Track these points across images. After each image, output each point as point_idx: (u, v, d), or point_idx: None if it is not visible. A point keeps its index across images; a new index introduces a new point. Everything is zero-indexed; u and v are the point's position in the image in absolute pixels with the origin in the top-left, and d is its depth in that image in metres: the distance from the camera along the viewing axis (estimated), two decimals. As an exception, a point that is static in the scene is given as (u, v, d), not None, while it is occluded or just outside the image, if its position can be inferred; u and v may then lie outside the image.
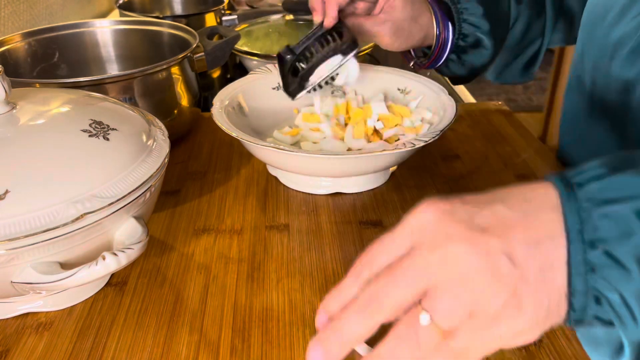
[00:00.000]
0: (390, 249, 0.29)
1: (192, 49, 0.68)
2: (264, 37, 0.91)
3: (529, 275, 0.26)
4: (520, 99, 3.08)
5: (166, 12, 1.16)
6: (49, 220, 0.36)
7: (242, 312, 0.44)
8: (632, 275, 0.26)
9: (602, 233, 0.26)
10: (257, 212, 0.56)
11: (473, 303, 0.26)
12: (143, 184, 0.41)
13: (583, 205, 0.27)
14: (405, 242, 0.29)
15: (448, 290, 0.27)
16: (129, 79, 0.61)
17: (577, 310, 0.27)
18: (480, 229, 0.27)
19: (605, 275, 0.26)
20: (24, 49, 0.71)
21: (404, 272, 0.27)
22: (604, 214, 0.26)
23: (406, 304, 0.27)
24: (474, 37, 0.62)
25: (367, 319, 0.27)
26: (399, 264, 0.28)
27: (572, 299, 0.27)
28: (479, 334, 0.27)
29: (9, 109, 0.42)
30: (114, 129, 0.43)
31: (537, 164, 0.65)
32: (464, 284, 0.26)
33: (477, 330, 0.27)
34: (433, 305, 0.27)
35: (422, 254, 0.27)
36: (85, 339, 0.41)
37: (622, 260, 0.26)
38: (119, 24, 0.79)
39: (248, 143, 0.53)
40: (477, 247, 0.27)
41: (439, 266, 0.27)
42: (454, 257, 0.27)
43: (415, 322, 0.27)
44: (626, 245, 0.26)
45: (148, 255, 0.50)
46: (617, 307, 0.26)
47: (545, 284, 0.27)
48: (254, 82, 0.66)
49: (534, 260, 0.27)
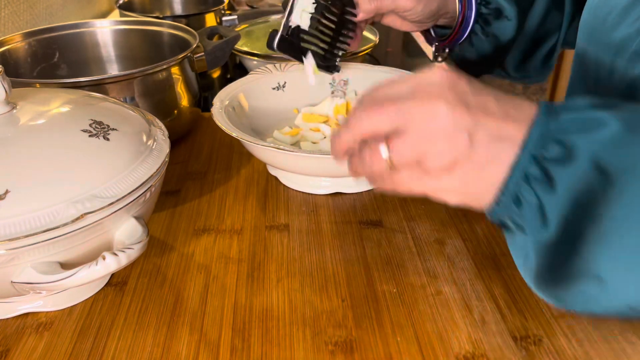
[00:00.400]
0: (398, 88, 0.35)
1: (192, 49, 0.68)
2: (264, 37, 0.90)
3: (475, 157, 0.32)
4: (520, 99, 3.09)
5: (166, 12, 1.16)
6: (49, 220, 0.36)
7: (242, 312, 0.44)
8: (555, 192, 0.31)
9: (548, 154, 0.31)
10: (257, 212, 0.56)
11: (422, 154, 0.33)
12: (143, 184, 0.41)
13: (548, 129, 0.31)
14: (407, 88, 0.34)
15: (412, 136, 0.33)
16: (129, 79, 0.61)
17: (500, 205, 0.33)
18: (466, 105, 0.32)
19: (533, 186, 0.31)
20: (24, 49, 0.71)
21: (391, 109, 0.33)
22: (558, 140, 0.31)
23: (380, 130, 0.34)
24: (496, 2, 0.62)
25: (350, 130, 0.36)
26: (394, 101, 0.34)
27: (501, 194, 0.33)
28: (414, 176, 0.34)
29: (9, 109, 0.42)
30: (114, 129, 0.43)
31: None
32: (425, 137, 0.33)
33: (414, 174, 0.34)
34: (395, 144, 0.34)
35: (413, 102, 0.33)
36: (85, 339, 0.41)
37: (553, 178, 0.31)
38: (119, 24, 0.79)
39: (248, 143, 0.53)
40: (453, 116, 0.32)
41: (418, 116, 0.33)
42: (432, 114, 0.32)
43: (377, 151, 0.34)
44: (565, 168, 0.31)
45: (148, 255, 0.50)
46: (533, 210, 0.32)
47: (483, 170, 0.33)
48: (254, 82, 0.66)
49: (487, 149, 0.32)
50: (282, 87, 0.68)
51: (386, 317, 0.43)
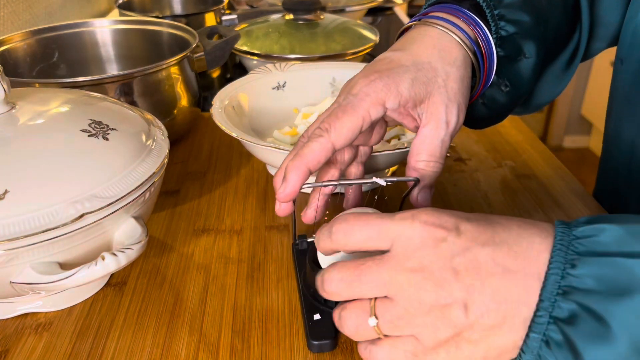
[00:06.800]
0: (370, 235, 0.31)
1: (192, 49, 0.68)
2: (264, 37, 0.90)
3: (478, 327, 0.28)
4: (520, 99, 3.08)
5: (166, 11, 1.16)
6: (48, 220, 0.36)
7: (241, 313, 0.44)
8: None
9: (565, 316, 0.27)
10: (257, 212, 0.56)
11: (417, 330, 0.29)
12: (143, 184, 0.41)
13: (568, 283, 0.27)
14: (386, 239, 0.30)
15: (401, 309, 0.29)
16: (128, 78, 0.61)
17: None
18: (453, 272, 0.28)
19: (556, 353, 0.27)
20: (23, 48, 0.71)
21: (370, 276, 0.30)
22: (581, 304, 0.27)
23: (363, 297, 0.31)
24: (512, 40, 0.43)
25: (326, 295, 0.32)
26: (370, 264, 0.30)
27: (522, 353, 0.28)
28: (410, 353, 0.30)
29: (8, 109, 0.42)
30: (113, 128, 0.43)
31: (537, 164, 0.65)
32: (416, 312, 0.29)
33: (409, 353, 0.30)
34: (384, 313, 0.30)
35: (393, 267, 0.29)
36: (84, 340, 0.41)
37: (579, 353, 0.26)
38: (119, 23, 0.79)
39: (248, 143, 0.53)
40: (441, 289, 0.28)
41: (404, 287, 0.29)
42: (418, 287, 0.29)
43: (365, 316, 0.31)
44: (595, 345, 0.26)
45: (148, 256, 0.50)
46: None
47: (489, 341, 0.28)
48: (254, 82, 0.66)
49: (489, 316, 0.28)
50: (282, 87, 0.68)
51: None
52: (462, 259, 0.28)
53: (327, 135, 0.37)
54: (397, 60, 0.40)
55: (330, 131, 0.37)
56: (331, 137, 0.37)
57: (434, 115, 0.40)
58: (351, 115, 0.37)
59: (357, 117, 0.37)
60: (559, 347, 0.27)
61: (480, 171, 0.63)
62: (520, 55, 0.43)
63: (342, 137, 0.37)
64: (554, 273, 0.27)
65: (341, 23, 0.95)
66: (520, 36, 0.42)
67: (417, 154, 0.40)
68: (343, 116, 0.37)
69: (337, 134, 0.37)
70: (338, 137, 0.37)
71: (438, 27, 0.42)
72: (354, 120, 0.37)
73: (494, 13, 0.42)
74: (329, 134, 0.37)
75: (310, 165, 0.37)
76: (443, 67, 0.40)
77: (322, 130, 0.37)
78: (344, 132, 0.37)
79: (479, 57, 0.42)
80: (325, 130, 0.37)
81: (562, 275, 0.27)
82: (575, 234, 0.28)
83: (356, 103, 0.37)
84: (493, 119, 0.49)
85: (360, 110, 0.37)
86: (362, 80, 0.39)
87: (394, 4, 1.41)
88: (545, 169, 0.64)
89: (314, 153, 0.37)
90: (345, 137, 0.37)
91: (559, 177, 0.62)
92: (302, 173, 0.37)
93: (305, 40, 0.89)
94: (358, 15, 1.19)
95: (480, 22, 0.42)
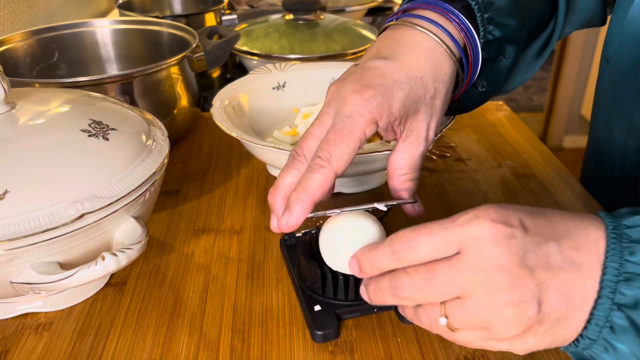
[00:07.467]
0: (436, 245, 0.30)
1: (192, 49, 0.68)
2: (264, 37, 0.90)
3: (547, 322, 0.29)
4: (520, 99, 3.08)
5: (166, 11, 1.16)
6: (48, 220, 0.36)
7: (241, 313, 0.44)
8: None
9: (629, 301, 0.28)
10: (257, 212, 0.56)
11: (489, 325, 0.30)
12: (143, 184, 0.41)
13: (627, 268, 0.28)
14: (453, 245, 0.30)
15: (474, 307, 0.29)
16: (128, 78, 0.61)
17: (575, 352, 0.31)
18: (528, 269, 0.29)
19: (620, 336, 0.29)
20: (23, 48, 0.71)
21: (442, 279, 0.30)
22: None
23: (435, 302, 0.31)
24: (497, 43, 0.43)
25: (397, 301, 0.32)
26: (441, 268, 0.30)
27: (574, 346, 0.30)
28: (482, 340, 0.31)
29: (8, 109, 0.42)
30: (113, 128, 0.43)
31: (537, 164, 0.65)
32: (490, 309, 0.29)
33: (481, 337, 0.31)
34: (455, 312, 0.30)
35: (465, 270, 0.29)
36: (84, 340, 0.41)
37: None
38: (119, 23, 0.79)
39: (248, 143, 0.53)
40: (518, 288, 0.29)
41: (476, 287, 0.29)
42: (493, 286, 0.29)
43: (435, 317, 0.31)
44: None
45: (148, 256, 0.50)
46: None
47: (555, 331, 0.30)
48: (254, 82, 0.66)
49: (558, 310, 0.29)
50: (282, 86, 0.68)
51: (386, 317, 0.43)
52: (534, 256, 0.29)
53: (329, 166, 0.37)
54: (390, 75, 0.38)
55: (331, 161, 0.37)
56: (333, 167, 0.37)
57: (415, 131, 0.40)
58: (349, 140, 0.37)
59: (355, 141, 0.37)
60: (624, 332, 0.28)
61: (480, 171, 0.63)
62: (500, 57, 0.43)
63: (343, 164, 0.37)
64: (613, 260, 0.28)
65: (341, 23, 0.95)
66: (505, 40, 0.42)
67: (398, 169, 0.40)
68: (341, 142, 0.37)
69: (338, 162, 0.37)
70: (339, 165, 0.37)
71: (430, 34, 0.40)
72: (353, 144, 0.37)
73: (484, 17, 0.41)
74: (331, 164, 0.37)
75: (316, 197, 0.37)
76: (433, 83, 0.39)
77: (322, 160, 0.37)
78: (344, 158, 0.37)
79: (465, 64, 0.42)
80: (327, 161, 0.37)
81: (621, 262, 0.28)
82: (626, 224, 0.29)
83: (353, 127, 0.37)
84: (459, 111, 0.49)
85: (357, 133, 0.37)
86: (355, 97, 0.38)
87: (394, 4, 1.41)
88: (545, 169, 0.63)
89: (318, 186, 0.37)
90: (346, 162, 0.37)
91: (559, 177, 0.62)
92: (308, 206, 0.37)
93: (305, 40, 0.89)
94: (358, 15, 1.19)
95: (471, 27, 0.41)
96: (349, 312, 0.42)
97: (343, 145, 0.37)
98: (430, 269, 0.30)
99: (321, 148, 0.37)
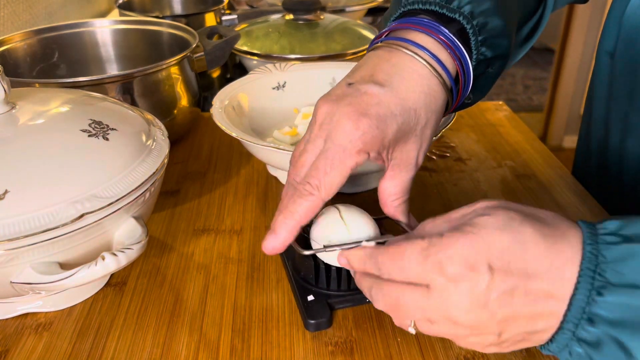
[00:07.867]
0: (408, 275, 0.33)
1: (192, 49, 0.68)
2: (264, 37, 0.90)
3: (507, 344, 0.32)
4: (520, 99, 3.08)
5: (166, 11, 1.16)
6: (48, 220, 0.36)
7: (241, 313, 0.44)
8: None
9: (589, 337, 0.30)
10: (257, 212, 0.56)
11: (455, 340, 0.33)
12: (143, 184, 0.41)
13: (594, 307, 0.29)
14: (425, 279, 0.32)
15: (440, 330, 0.33)
16: (128, 78, 0.61)
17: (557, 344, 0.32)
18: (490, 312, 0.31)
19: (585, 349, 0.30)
20: (23, 48, 0.71)
21: (410, 306, 0.32)
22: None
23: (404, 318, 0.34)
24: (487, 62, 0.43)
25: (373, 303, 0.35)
26: (410, 296, 0.32)
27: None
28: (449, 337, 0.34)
29: (8, 109, 0.42)
30: (113, 128, 0.43)
31: (537, 164, 0.65)
32: (453, 336, 0.33)
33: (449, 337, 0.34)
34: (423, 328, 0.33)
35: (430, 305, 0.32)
36: (84, 340, 0.41)
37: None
38: (119, 23, 0.79)
39: (248, 143, 0.53)
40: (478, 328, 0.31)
41: (440, 319, 0.32)
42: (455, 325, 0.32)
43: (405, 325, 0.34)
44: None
45: (148, 256, 0.50)
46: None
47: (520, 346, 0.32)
48: (254, 82, 0.66)
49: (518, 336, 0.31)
50: (282, 86, 0.68)
51: (386, 317, 0.43)
52: (497, 301, 0.30)
53: (317, 194, 0.37)
54: (387, 105, 0.37)
55: (321, 189, 0.37)
56: (322, 195, 0.37)
57: (405, 159, 0.39)
58: (340, 169, 0.37)
59: (346, 170, 0.37)
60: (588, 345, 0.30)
61: (480, 171, 0.63)
62: (486, 70, 0.43)
63: (332, 192, 0.37)
64: (580, 299, 0.29)
65: (341, 23, 0.95)
66: (495, 58, 0.42)
67: (390, 196, 0.40)
68: (332, 171, 0.37)
69: (327, 191, 0.37)
70: (328, 193, 0.37)
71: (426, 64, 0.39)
72: (344, 174, 0.37)
73: (478, 40, 0.40)
74: (320, 192, 0.37)
75: (302, 222, 0.38)
76: (426, 114, 0.39)
77: (312, 188, 0.37)
78: (334, 187, 0.37)
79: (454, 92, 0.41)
80: (316, 188, 0.37)
81: (588, 301, 0.29)
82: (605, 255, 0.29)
83: (344, 157, 0.36)
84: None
85: (349, 163, 0.37)
86: (350, 125, 0.36)
87: (394, 4, 1.40)
88: (545, 169, 0.64)
89: (305, 211, 0.37)
90: (335, 190, 0.37)
91: (559, 177, 0.62)
92: (294, 230, 0.38)
93: (305, 40, 0.89)
94: (358, 15, 1.19)
95: (465, 53, 0.40)
96: (341, 302, 0.43)
97: (333, 174, 0.37)
98: (402, 293, 0.33)
99: (311, 175, 0.37)
